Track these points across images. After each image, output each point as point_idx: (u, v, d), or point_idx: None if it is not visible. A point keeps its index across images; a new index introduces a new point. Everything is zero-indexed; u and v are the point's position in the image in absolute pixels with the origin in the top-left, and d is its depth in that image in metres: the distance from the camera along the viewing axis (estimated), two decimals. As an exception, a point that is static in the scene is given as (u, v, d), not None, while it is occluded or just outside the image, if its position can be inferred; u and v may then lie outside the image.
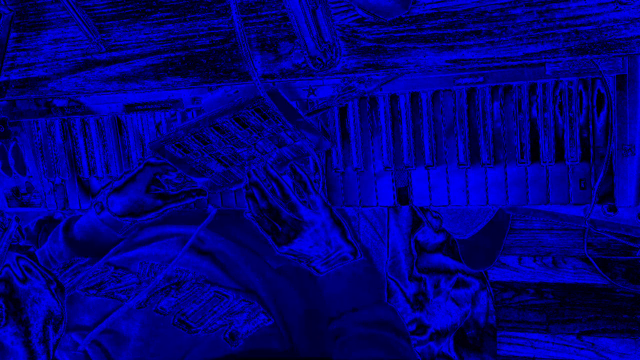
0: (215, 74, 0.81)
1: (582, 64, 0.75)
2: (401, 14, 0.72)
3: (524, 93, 0.80)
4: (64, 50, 0.86)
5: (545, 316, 1.40)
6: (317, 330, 0.92)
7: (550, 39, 0.69)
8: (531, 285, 1.41)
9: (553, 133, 0.80)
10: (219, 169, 0.89)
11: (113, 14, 0.82)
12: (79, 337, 0.85)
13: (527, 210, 0.89)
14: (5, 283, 0.77)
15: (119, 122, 0.96)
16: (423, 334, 1.16)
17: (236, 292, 0.89)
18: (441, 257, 1.18)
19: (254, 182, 0.85)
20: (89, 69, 0.85)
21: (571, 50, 0.69)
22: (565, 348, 1.39)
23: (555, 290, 1.40)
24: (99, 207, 0.94)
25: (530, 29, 0.69)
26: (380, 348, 0.81)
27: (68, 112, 0.96)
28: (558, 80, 0.78)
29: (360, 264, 0.86)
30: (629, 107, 0.75)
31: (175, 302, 0.87)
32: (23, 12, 0.86)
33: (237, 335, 0.84)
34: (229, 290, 0.89)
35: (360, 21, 0.74)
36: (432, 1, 0.71)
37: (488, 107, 0.81)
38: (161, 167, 0.92)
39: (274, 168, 0.86)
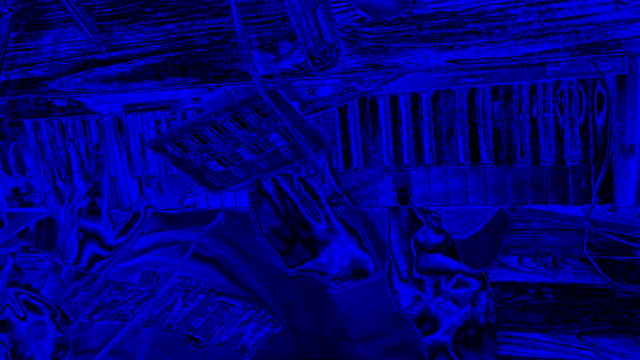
0: (215, 74, 0.81)
1: (582, 64, 0.75)
2: (401, 14, 0.72)
3: (524, 93, 0.80)
4: (64, 50, 0.86)
5: (545, 316, 1.40)
6: (324, 333, 0.92)
7: (550, 39, 0.69)
8: (531, 285, 1.41)
9: (553, 133, 0.80)
10: (218, 168, 0.89)
11: (113, 14, 0.82)
12: None
13: (527, 210, 0.89)
14: (7, 323, 0.76)
15: (119, 122, 0.96)
16: (433, 332, 1.16)
17: (242, 301, 0.88)
18: (441, 257, 1.18)
19: (265, 192, 0.83)
20: (89, 69, 0.85)
21: (571, 50, 0.69)
22: (565, 348, 1.39)
23: (555, 290, 1.39)
24: (54, 265, 0.92)
25: (530, 28, 0.69)
26: None
27: (68, 112, 0.95)
28: (558, 80, 0.78)
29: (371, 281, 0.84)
30: (629, 107, 0.75)
31: (182, 317, 0.86)
32: (23, 12, 0.85)
33: (248, 347, 0.83)
34: (235, 299, 0.88)
35: (361, 21, 0.74)
36: (432, 1, 0.71)
37: (488, 107, 0.81)
38: None
39: (285, 181, 0.82)
